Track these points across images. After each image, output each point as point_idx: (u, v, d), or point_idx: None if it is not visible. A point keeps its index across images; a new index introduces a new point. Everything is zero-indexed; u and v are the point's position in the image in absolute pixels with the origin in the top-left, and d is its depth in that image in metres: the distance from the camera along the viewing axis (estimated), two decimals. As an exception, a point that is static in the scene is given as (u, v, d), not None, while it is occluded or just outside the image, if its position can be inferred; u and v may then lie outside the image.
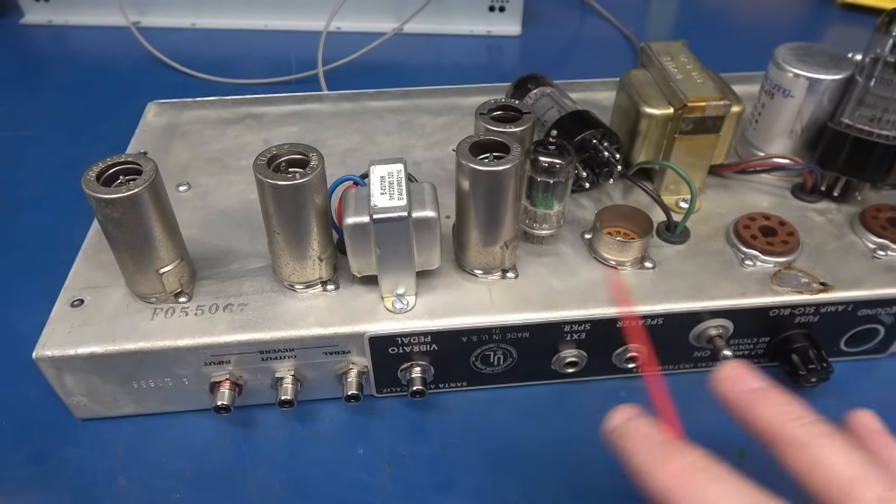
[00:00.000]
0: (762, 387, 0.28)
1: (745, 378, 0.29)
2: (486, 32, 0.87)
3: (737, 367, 0.29)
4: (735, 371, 0.29)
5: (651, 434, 0.27)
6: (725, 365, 0.29)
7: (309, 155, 0.37)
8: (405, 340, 0.40)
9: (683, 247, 0.44)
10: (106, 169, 0.36)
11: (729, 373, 0.29)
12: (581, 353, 0.42)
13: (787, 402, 0.27)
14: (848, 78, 0.46)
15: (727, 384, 0.29)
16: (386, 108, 0.59)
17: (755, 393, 0.28)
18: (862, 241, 0.45)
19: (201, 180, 0.50)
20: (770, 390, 0.28)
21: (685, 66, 0.47)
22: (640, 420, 0.28)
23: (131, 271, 0.39)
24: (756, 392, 0.28)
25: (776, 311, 0.41)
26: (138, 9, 0.86)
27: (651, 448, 0.27)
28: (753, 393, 0.28)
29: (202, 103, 0.59)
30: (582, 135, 0.45)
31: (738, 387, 0.28)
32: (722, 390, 0.29)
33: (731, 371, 0.29)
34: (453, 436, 0.42)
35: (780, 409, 0.27)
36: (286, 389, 0.40)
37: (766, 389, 0.28)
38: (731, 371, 0.29)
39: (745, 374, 0.29)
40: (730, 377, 0.29)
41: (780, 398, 0.28)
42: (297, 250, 0.39)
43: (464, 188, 0.38)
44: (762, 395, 0.28)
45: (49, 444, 0.41)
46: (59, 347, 0.38)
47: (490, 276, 0.42)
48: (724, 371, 0.29)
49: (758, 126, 0.50)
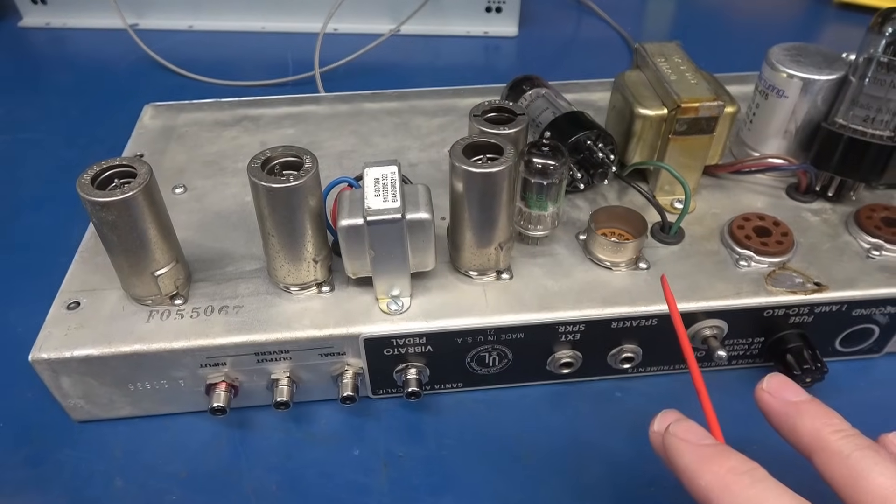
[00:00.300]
0: (803, 399, 0.30)
1: (787, 390, 0.30)
2: (483, 33, 0.87)
3: (778, 379, 0.31)
4: (777, 383, 0.30)
5: (697, 435, 0.28)
6: (767, 377, 0.31)
7: (303, 157, 0.37)
8: (400, 342, 0.40)
9: (678, 247, 0.44)
10: (101, 172, 0.36)
11: (771, 385, 0.30)
12: (576, 353, 0.42)
13: (827, 414, 0.29)
14: (842, 78, 0.46)
15: (768, 396, 0.30)
16: (382, 109, 0.59)
17: (797, 405, 0.29)
18: (856, 241, 0.45)
19: (197, 182, 0.51)
20: (811, 403, 0.29)
21: (679, 66, 0.47)
22: (687, 422, 0.29)
23: (127, 274, 0.39)
24: (797, 405, 0.29)
25: (771, 311, 0.41)
26: (136, 11, 0.86)
27: (697, 449, 0.28)
28: (795, 405, 0.29)
29: (199, 105, 0.59)
30: (576, 136, 0.45)
31: (780, 399, 0.30)
32: (764, 402, 0.30)
33: (773, 383, 0.30)
34: (449, 437, 0.42)
35: (821, 422, 0.28)
36: (282, 391, 0.40)
37: (807, 402, 0.29)
38: (773, 383, 0.30)
39: (787, 387, 0.30)
40: (771, 389, 0.30)
41: (821, 410, 0.29)
42: (292, 252, 0.39)
43: (458, 190, 0.38)
44: (804, 408, 0.29)
45: (46, 446, 0.41)
46: (55, 350, 0.38)
47: (485, 277, 0.42)
48: (766, 383, 0.31)
49: (752, 126, 0.50)
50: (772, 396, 0.30)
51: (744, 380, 0.45)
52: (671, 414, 0.31)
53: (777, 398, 0.30)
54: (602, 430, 0.42)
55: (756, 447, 0.40)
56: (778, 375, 0.31)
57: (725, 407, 0.43)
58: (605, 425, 0.42)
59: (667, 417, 0.30)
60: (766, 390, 0.30)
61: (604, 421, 0.43)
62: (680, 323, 0.33)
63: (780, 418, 0.30)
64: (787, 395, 0.30)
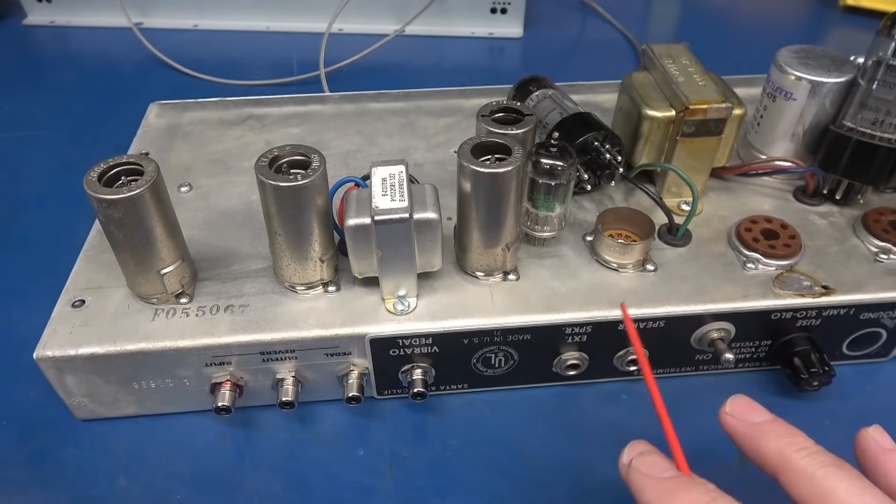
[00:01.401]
0: (766, 420, 0.30)
1: (750, 412, 0.30)
2: (488, 34, 0.87)
3: (741, 401, 0.31)
4: (740, 405, 0.31)
5: (659, 468, 0.28)
6: (730, 400, 0.31)
7: (310, 156, 0.37)
8: (406, 342, 0.39)
9: (685, 249, 0.44)
10: (108, 170, 0.36)
11: (734, 407, 0.31)
12: (582, 355, 0.42)
13: (790, 433, 0.29)
14: (850, 81, 0.46)
15: (731, 419, 0.30)
16: (387, 109, 0.59)
17: (759, 426, 0.29)
18: (864, 245, 0.45)
19: (203, 181, 0.50)
20: (774, 423, 0.29)
21: (687, 68, 0.47)
22: (650, 455, 0.29)
23: (132, 272, 0.39)
24: (760, 426, 0.29)
25: (778, 314, 0.41)
26: (141, 10, 0.86)
27: (658, 484, 0.28)
28: (758, 426, 0.29)
29: (204, 104, 0.59)
30: (584, 137, 0.45)
31: (743, 420, 0.30)
32: (728, 424, 0.30)
33: (736, 405, 0.31)
34: (454, 438, 0.42)
35: (784, 441, 0.28)
36: (287, 391, 0.40)
37: (770, 422, 0.29)
38: (736, 405, 0.31)
39: (749, 408, 0.30)
40: (734, 411, 0.30)
41: (784, 429, 0.29)
42: (299, 251, 0.39)
43: (465, 190, 0.38)
44: (767, 428, 0.29)
45: (49, 444, 0.41)
46: (60, 348, 0.38)
47: (491, 278, 0.42)
48: (728, 406, 0.31)
49: (760, 129, 0.50)
50: (735, 419, 0.30)
51: (751, 383, 0.45)
52: (638, 445, 0.31)
53: (740, 420, 0.30)
54: (608, 433, 0.42)
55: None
56: (740, 397, 0.31)
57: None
58: (612, 427, 0.42)
59: (634, 449, 0.30)
60: (729, 413, 0.30)
61: (610, 423, 0.42)
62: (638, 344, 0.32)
63: (744, 440, 0.30)
64: (749, 416, 0.30)
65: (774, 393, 0.44)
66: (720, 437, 0.42)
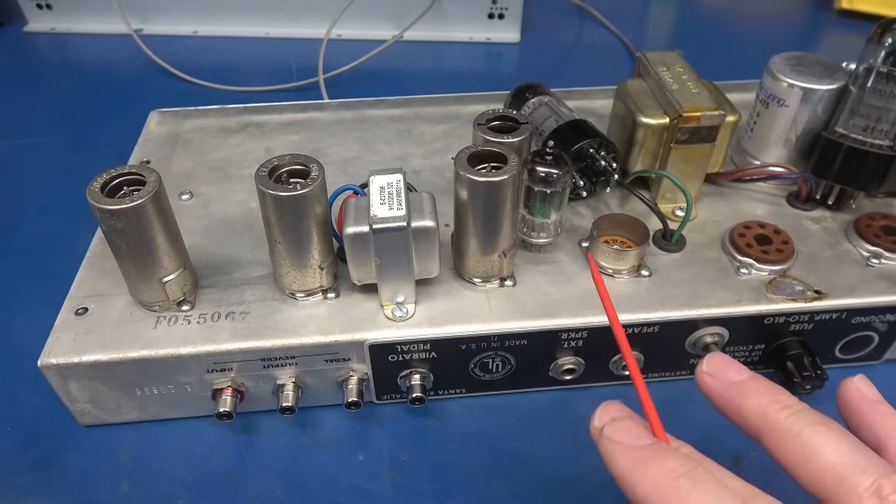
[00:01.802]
0: (746, 378, 0.27)
1: (729, 370, 0.28)
2: (486, 39, 0.88)
3: (719, 358, 0.28)
4: (717, 363, 0.28)
5: (633, 435, 0.26)
6: (707, 358, 0.28)
7: (310, 165, 0.38)
8: (405, 348, 0.40)
9: (679, 255, 0.45)
10: (110, 180, 0.37)
11: (711, 365, 0.28)
12: (578, 360, 0.42)
13: (773, 390, 0.27)
14: (842, 88, 0.46)
15: (710, 378, 0.28)
16: (386, 116, 0.60)
17: (740, 385, 0.27)
18: (856, 249, 0.45)
19: (203, 189, 0.51)
20: (754, 380, 0.27)
21: (681, 76, 0.48)
22: (623, 421, 0.27)
23: (135, 280, 0.39)
24: (741, 384, 0.27)
25: (771, 318, 0.42)
26: (140, 16, 0.87)
27: (633, 452, 0.25)
28: (737, 385, 0.27)
29: (204, 112, 0.59)
30: (579, 144, 0.46)
31: (722, 380, 0.28)
32: (706, 384, 0.28)
33: (714, 363, 0.28)
34: (453, 442, 0.42)
35: (767, 399, 0.26)
36: (287, 396, 0.40)
37: (750, 380, 0.27)
38: (714, 363, 0.28)
39: (728, 366, 0.28)
40: (712, 370, 0.28)
41: (766, 387, 0.27)
42: (298, 259, 0.39)
43: (462, 198, 0.38)
44: (748, 386, 0.27)
45: (53, 450, 0.41)
46: (63, 355, 0.38)
47: (488, 284, 0.42)
48: (706, 364, 0.28)
49: (753, 135, 0.51)
50: (713, 378, 0.28)
51: (744, 386, 0.45)
52: (611, 408, 0.28)
53: (719, 379, 0.27)
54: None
55: (753, 453, 0.41)
56: (718, 355, 0.28)
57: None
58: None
59: (606, 412, 0.27)
60: (707, 372, 0.28)
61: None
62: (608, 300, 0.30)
63: (723, 400, 0.27)
64: (729, 374, 0.27)
65: (768, 396, 0.45)
66: (715, 439, 0.42)
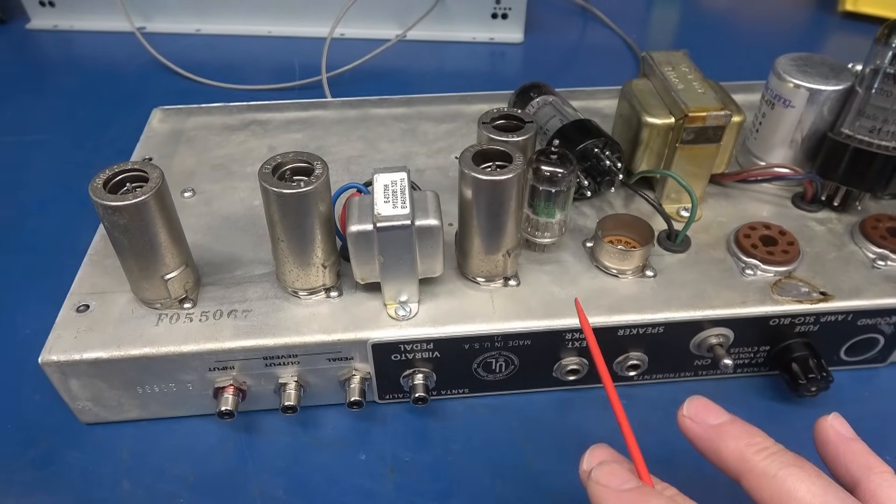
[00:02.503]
0: (724, 421, 0.29)
1: (708, 413, 0.29)
2: (489, 39, 0.88)
3: (698, 402, 0.30)
4: (697, 407, 0.30)
5: (619, 480, 0.28)
6: (687, 402, 0.30)
7: (313, 163, 0.37)
8: (408, 347, 0.40)
9: (684, 255, 0.45)
10: (113, 176, 0.36)
11: (691, 409, 0.30)
12: (582, 360, 0.42)
13: (750, 433, 0.28)
14: (848, 88, 0.46)
15: (690, 422, 0.29)
16: (389, 115, 0.59)
17: (718, 429, 0.29)
18: (862, 251, 0.45)
19: (206, 186, 0.51)
20: (733, 423, 0.29)
21: (686, 75, 0.47)
22: (610, 465, 0.28)
23: (137, 277, 0.39)
24: (719, 427, 0.29)
25: (776, 320, 0.42)
26: (143, 14, 0.87)
27: (618, 497, 0.27)
28: (716, 429, 0.29)
29: (207, 109, 0.59)
30: (584, 144, 0.46)
31: (702, 423, 0.29)
32: (686, 427, 0.29)
33: (693, 407, 0.30)
34: (455, 442, 0.42)
35: (744, 442, 0.28)
36: (289, 395, 0.40)
37: (728, 423, 0.29)
38: (693, 407, 0.30)
39: (707, 410, 0.29)
40: (692, 414, 0.29)
41: (744, 430, 0.28)
42: (301, 257, 0.39)
43: (466, 197, 0.38)
44: (725, 430, 0.28)
45: (54, 448, 0.41)
46: (64, 352, 0.38)
47: (492, 283, 0.42)
48: (686, 408, 0.30)
49: (758, 135, 0.51)
50: (693, 421, 0.29)
51: (749, 389, 0.45)
52: (599, 451, 0.30)
53: (698, 423, 0.29)
54: (608, 437, 0.42)
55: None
56: (697, 399, 0.30)
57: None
58: (611, 432, 0.42)
59: (594, 456, 0.29)
60: (688, 416, 0.30)
61: (609, 428, 0.42)
62: (595, 348, 0.31)
63: (703, 443, 0.29)
64: (708, 418, 0.29)
65: (773, 398, 0.44)
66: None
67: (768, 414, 0.44)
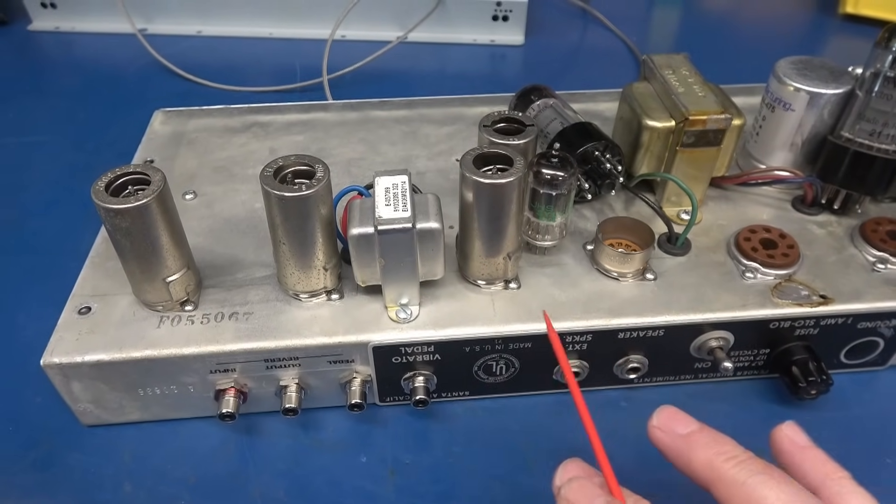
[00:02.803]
0: (693, 430, 0.29)
1: (677, 423, 0.30)
2: (490, 41, 0.88)
3: (667, 412, 0.30)
4: (666, 417, 0.30)
5: (588, 496, 0.28)
6: (656, 412, 0.30)
7: (315, 166, 0.37)
8: (408, 350, 0.40)
9: (685, 259, 0.45)
10: (115, 179, 0.37)
11: (659, 420, 0.30)
12: (583, 363, 0.42)
13: (718, 441, 0.28)
14: (848, 92, 0.46)
15: (660, 432, 0.30)
16: (390, 117, 0.60)
17: (687, 438, 0.29)
18: (862, 254, 0.45)
19: (207, 189, 0.51)
20: (701, 432, 0.29)
21: (687, 79, 0.47)
22: (579, 481, 0.29)
23: (138, 280, 0.39)
24: (688, 437, 0.29)
25: (776, 323, 0.42)
26: (145, 16, 0.87)
27: None
28: (685, 438, 0.29)
29: (209, 111, 0.59)
30: (584, 147, 0.46)
31: (671, 433, 0.29)
32: (656, 438, 0.30)
33: (662, 417, 0.30)
34: (456, 445, 0.42)
35: (714, 451, 0.28)
36: (290, 397, 0.40)
37: (697, 432, 0.29)
38: (662, 417, 0.30)
39: (676, 420, 0.30)
40: (661, 424, 0.30)
41: (712, 438, 0.29)
42: (303, 260, 0.39)
43: (467, 200, 0.38)
44: (695, 439, 0.29)
45: (55, 449, 0.41)
46: (66, 354, 0.38)
47: (493, 286, 0.42)
48: (655, 419, 0.30)
49: (759, 139, 0.51)
50: (663, 432, 0.30)
51: (749, 391, 0.45)
52: (571, 467, 0.30)
53: (668, 433, 0.29)
54: (607, 440, 0.41)
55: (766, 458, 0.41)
56: (667, 408, 0.30)
57: (731, 418, 0.44)
58: (611, 435, 0.42)
59: (566, 472, 0.30)
60: (657, 426, 0.30)
61: (609, 430, 0.42)
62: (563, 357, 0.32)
63: (673, 454, 0.29)
64: (677, 428, 0.29)
65: (773, 401, 0.44)
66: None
67: (768, 417, 0.44)
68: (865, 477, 0.41)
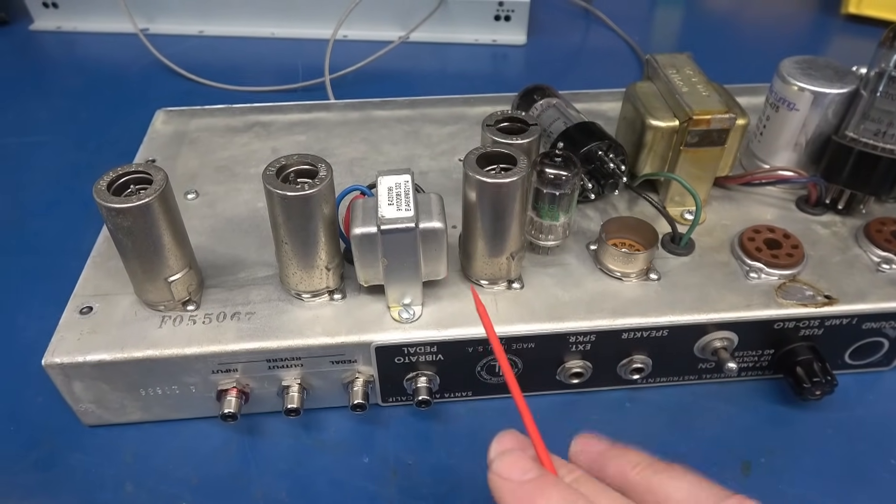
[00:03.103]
0: (604, 447, 0.30)
1: (592, 445, 0.30)
2: (492, 41, 0.88)
3: (582, 439, 0.30)
4: (582, 443, 0.30)
5: (520, 470, 0.27)
6: (575, 439, 0.31)
7: (318, 165, 0.37)
8: (411, 350, 0.40)
9: (688, 259, 0.45)
10: (117, 178, 0.36)
11: (577, 447, 0.30)
12: (586, 363, 0.42)
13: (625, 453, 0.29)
14: (853, 92, 0.46)
15: (581, 458, 0.30)
16: (392, 117, 0.59)
17: (602, 454, 0.29)
18: (866, 255, 0.45)
19: (209, 188, 0.51)
20: (611, 448, 0.30)
21: (690, 78, 0.47)
22: (512, 455, 0.27)
23: (140, 279, 0.39)
24: (602, 453, 0.29)
25: (781, 323, 0.41)
26: (146, 16, 0.87)
27: (518, 488, 0.26)
28: (601, 455, 0.29)
29: (211, 111, 0.59)
30: (588, 146, 0.46)
31: (589, 454, 0.30)
32: (578, 463, 0.30)
33: (579, 444, 0.30)
34: (458, 445, 0.42)
35: (625, 460, 0.28)
36: (292, 398, 0.40)
37: (608, 448, 0.30)
38: (579, 444, 0.30)
39: (591, 442, 0.30)
40: (579, 451, 0.30)
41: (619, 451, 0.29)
42: (305, 260, 0.39)
43: (470, 199, 0.38)
44: (608, 455, 0.29)
45: (56, 450, 0.41)
46: (68, 354, 0.38)
47: (496, 286, 0.42)
48: (574, 447, 0.30)
49: (763, 138, 0.50)
50: (582, 457, 0.30)
51: (753, 392, 0.45)
52: (506, 439, 0.29)
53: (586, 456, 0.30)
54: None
55: (763, 460, 0.41)
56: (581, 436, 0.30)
57: (736, 419, 0.44)
58: (615, 435, 0.42)
59: (500, 444, 0.28)
60: (576, 453, 0.30)
61: (613, 431, 0.42)
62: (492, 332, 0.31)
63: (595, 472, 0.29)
64: (591, 449, 0.30)
65: (777, 402, 0.44)
66: (724, 445, 0.42)
67: (773, 417, 0.43)
68: (868, 477, 0.41)
